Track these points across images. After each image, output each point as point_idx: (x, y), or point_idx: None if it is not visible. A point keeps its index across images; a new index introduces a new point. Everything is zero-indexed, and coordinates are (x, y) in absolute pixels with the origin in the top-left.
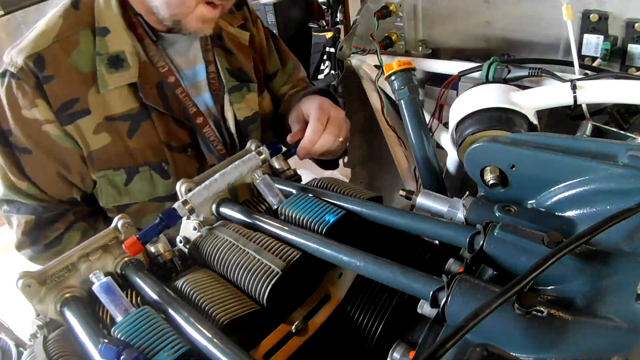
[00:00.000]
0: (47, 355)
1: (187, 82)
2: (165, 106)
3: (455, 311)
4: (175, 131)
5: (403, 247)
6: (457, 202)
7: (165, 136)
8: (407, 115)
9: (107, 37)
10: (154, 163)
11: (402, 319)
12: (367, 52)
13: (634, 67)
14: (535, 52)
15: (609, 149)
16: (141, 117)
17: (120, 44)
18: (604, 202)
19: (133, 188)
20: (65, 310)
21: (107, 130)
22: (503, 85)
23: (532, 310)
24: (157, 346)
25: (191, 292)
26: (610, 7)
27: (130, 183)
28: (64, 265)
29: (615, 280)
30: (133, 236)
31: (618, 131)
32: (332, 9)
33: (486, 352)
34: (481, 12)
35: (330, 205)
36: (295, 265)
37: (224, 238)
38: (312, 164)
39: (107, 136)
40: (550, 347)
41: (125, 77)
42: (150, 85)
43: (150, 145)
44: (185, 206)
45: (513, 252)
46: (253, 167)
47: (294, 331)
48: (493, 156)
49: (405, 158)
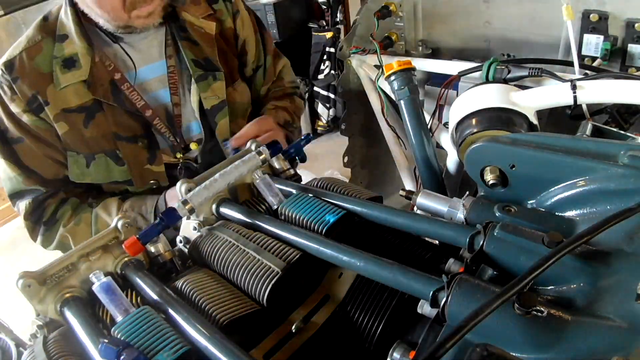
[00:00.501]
0: (47, 355)
1: (142, 78)
2: (116, 100)
3: (455, 311)
4: (127, 122)
5: (403, 247)
6: (457, 202)
7: (115, 127)
8: (407, 115)
9: (64, 43)
10: (108, 150)
11: (402, 319)
12: (367, 52)
13: (634, 67)
14: (535, 52)
15: (609, 149)
16: (95, 109)
17: (74, 47)
18: (604, 202)
19: (92, 171)
20: (65, 310)
21: (64, 120)
22: (503, 85)
23: (532, 310)
24: (157, 346)
25: (191, 292)
26: (610, 7)
27: (90, 167)
28: (64, 265)
29: (615, 280)
30: (133, 236)
31: (618, 131)
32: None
33: (486, 352)
34: (481, 12)
35: (330, 205)
36: (295, 265)
37: (224, 238)
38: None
39: (65, 125)
40: (550, 347)
41: (77, 76)
42: (102, 81)
43: (103, 134)
44: (185, 206)
45: (513, 252)
46: (253, 167)
47: (294, 331)
48: (493, 156)
49: (405, 158)
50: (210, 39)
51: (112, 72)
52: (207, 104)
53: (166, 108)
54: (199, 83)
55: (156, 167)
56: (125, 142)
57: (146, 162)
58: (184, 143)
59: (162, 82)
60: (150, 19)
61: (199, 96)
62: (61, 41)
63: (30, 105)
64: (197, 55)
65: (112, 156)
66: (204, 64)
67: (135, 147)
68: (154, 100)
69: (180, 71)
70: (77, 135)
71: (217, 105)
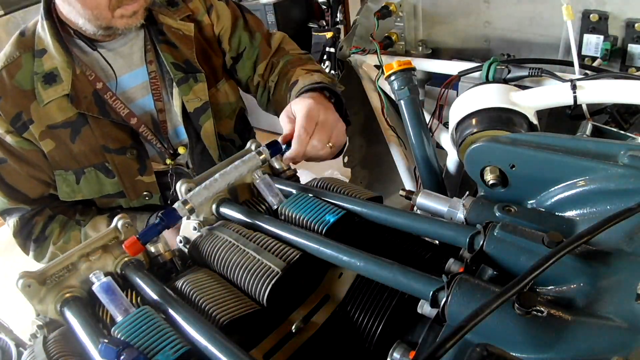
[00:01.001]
0: (47, 355)
1: (124, 86)
2: (101, 111)
3: (455, 311)
4: (114, 133)
5: (403, 247)
6: (457, 202)
7: (102, 139)
8: (407, 115)
9: (43, 58)
10: (98, 164)
11: (402, 319)
12: (367, 52)
13: (634, 67)
14: (535, 52)
15: (609, 149)
16: (80, 123)
17: (53, 61)
18: (604, 202)
19: (83, 187)
20: (65, 310)
21: (51, 137)
22: (503, 85)
23: (532, 310)
24: (157, 346)
25: (191, 292)
26: (610, 7)
27: (80, 182)
28: (64, 265)
29: (615, 280)
30: (133, 236)
31: (618, 131)
32: (332, 9)
33: (486, 352)
34: (481, 12)
35: (330, 205)
36: (295, 265)
37: (224, 238)
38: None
39: (52, 142)
40: (550, 347)
41: (59, 91)
42: (85, 93)
43: (91, 148)
44: (185, 206)
45: (513, 252)
46: (253, 167)
47: (294, 331)
48: (493, 156)
49: (405, 158)
50: (189, 41)
51: (94, 82)
52: (189, 107)
53: (151, 115)
54: (180, 86)
55: (147, 177)
56: (114, 155)
57: (137, 174)
58: (172, 148)
59: (145, 88)
60: (133, 20)
61: (182, 100)
62: (40, 56)
63: (14, 124)
64: (176, 58)
65: (102, 169)
66: (184, 67)
67: (125, 159)
68: (138, 108)
69: (162, 76)
70: (65, 151)
71: (200, 107)
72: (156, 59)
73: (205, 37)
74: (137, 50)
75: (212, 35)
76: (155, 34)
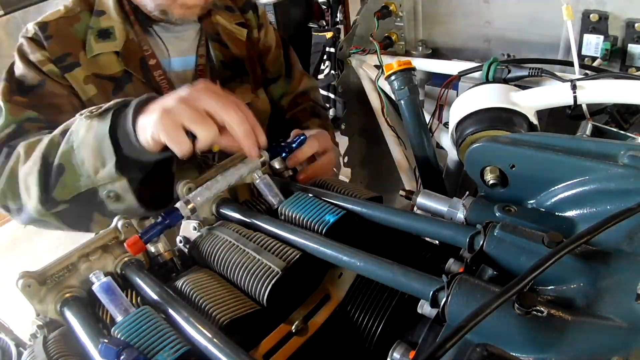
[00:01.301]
0: (47, 355)
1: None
2: (145, 76)
3: (455, 311)
4: None
5: (403, 247)
6: (457, 202)
7: None
8: (407, 115)
9: (101, 17)
10: None
11: (402, 319)
12: (367, 52)
13: (634, 67)
14: (535, 52)
15: (609, 149)
16: (125, 81)
17: (110, 22)
18: (604, 202)
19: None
20: (65, 310)
21: (94, 84)
22: (503, 85)
23: (532, 310)
24: (157, 346)
25: (191, 292)
26: (610, 7)
27: None
28: (64, 265)
29: (615, 280)
30: (135, 235)
31: (618, 131)
32: (332, 9)
33: (486, 352)
34: (481, 12)
35: (330, 205)
36: (295, 265)
37: (224, 238)
38: None
39: (94, 88)
40: (550, 347)
41: (110, 46)
42: (133, 57)
43: None
44: (187, 206)
45: (513, 252)
46: (254, 169)
47: (294, 331)
48: (493, 156)
49: (405, 158)
50: (240, 44)
51: (148, 57)
52: None
53: None
54: (225, 85)
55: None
56: None
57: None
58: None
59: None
60: (190, 12)
61: None
62: (98, 16)
63: (57, 61)
64: (226, 58)
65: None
66: (232, 67)
67: None
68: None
69: (209, 71)
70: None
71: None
72: (206, 53)
73: (253, 47)
74: (190, 40)
75: (257, 48)
76: (210, 32)
